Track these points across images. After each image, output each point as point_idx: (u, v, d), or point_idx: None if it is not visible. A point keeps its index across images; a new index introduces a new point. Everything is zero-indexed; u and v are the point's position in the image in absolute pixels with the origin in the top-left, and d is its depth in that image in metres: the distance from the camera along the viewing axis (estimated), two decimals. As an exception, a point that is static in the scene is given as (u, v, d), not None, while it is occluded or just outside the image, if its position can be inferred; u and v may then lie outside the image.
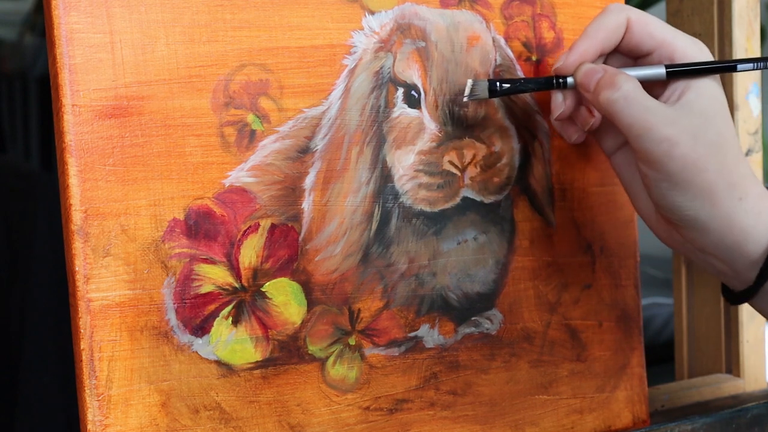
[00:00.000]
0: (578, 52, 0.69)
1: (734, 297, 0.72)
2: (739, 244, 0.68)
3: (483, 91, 0.70)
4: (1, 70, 2.12)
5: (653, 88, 0.70)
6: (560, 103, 0.71)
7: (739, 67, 0.71)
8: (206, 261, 0.62)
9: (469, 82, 0.70)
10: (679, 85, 0.69)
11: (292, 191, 0.65)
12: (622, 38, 0.70)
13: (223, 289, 0.63)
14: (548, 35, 0.76)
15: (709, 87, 0.69)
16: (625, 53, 0.71)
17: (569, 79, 0.69)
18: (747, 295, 0.70)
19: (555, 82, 0.70)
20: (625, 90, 0.66)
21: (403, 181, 0.69)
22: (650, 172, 0.67)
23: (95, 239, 0.59)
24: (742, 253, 0.68)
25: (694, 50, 0.69)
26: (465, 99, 0.70)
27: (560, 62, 0.70)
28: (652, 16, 0.71)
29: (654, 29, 0.70)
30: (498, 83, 0.70)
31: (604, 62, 0.71)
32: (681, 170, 0.66)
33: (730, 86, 0.92)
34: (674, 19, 0.95)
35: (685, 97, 0.68)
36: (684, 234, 0.69)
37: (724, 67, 0.71)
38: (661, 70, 0.69)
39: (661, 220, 0.70)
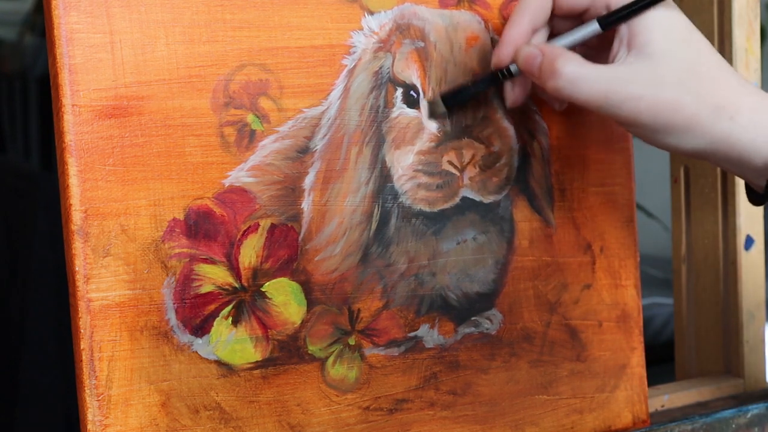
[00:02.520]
0: (508, 42, 0.68)
1: (755, 199, 0.70)
2: (743, 158, 0.66)
3: (440, 106, 0.70)
4: (1, 70, 2.12)
5: (602, 46, 0.68)
6: (509, 92, 0.70)
7: None
8: (206, 261, 0.62)
9: (425, 104, 0.70)
10: (623, 34, 0.66)
11: (291, 191, 0.65)
12: (554, 7, 0.68)
13: (223, 289, 0.63)
14: (548, 35, 0.76)
15: (658, 20, 0.66)
16: (564, 17, 0.69)
17: (513, 67, 0.68)
18: (763, 200, 0.69)
19: (500, 75, 0.69)
20: (566, 74, 0.65)
21: (402, 181, 0.69)
22: (630, 129, 0.67)
23: (95, 239, 0.59)
24: (748, 166, 0.67)
25: None
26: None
27: (495, 56, 0.69)
28: None
29: None
30: (450, 95, 0.70)
31: (550, 29, 0.70)
32: (654, 119, 0.65)
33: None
34: (674, 19, 0.95)
35: (636, 43, 0.66)
36: (694, 158, 0.69)
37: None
38: (595, 26, 0.67)
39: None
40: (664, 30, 0.66)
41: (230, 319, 0.63)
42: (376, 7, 0.69)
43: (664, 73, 0.65)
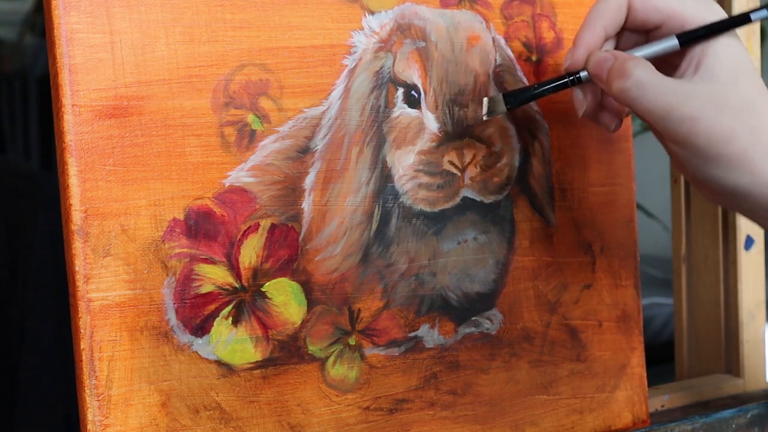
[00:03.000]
0: (583, 45, 0.67)
1: None
2: None
3: (500, 105, 0.69)
4: (1, 70, 2.12)
5: (669, 61, 0.68)
6: (581, 100, 0.69)
7: (753, 16, 0.67)
8: (206, 261, 0.62)
9: (485, 100, 0.69)
10: (695, 54, 0.66)
11: (292, 191, 0.65)
12: (627, 17, 0.68)
13: (223, 289, 0.63)
14: (548, 35, 0.76)
15: (727, 48, 0.66)
16: (634, 30, 0.69)
17: (583, 74, 0.68)
18: None
19: (569, 80, 0.68)
20: (636, 76, 0.64)
21: (403, 181, 0.69)
22: (679, 150, 0.65)
23: (95, 239, 0.59)
24: None
25: (704, 13, 0.66)
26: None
27: (568, 59, 0.68)
28: None
29: (659, 1, 0.67)
30: (513, 95, 0.69)
31: (616, 43, 0.69)
32: (708, 144, 0.64)
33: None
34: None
35: (704, 65, 0.65)
36: (728, 201, 0.67)
37: (737, 21, 0.66)
38: (673, 42, 0.66)
39: (704, 188, 0.68)
40: (731, 59, 0.66)
41: (230, 319, 0.63)
42: (376, 6, 0.69)
43: (725, 100, 0.64)
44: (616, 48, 0.69)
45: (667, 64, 0.67)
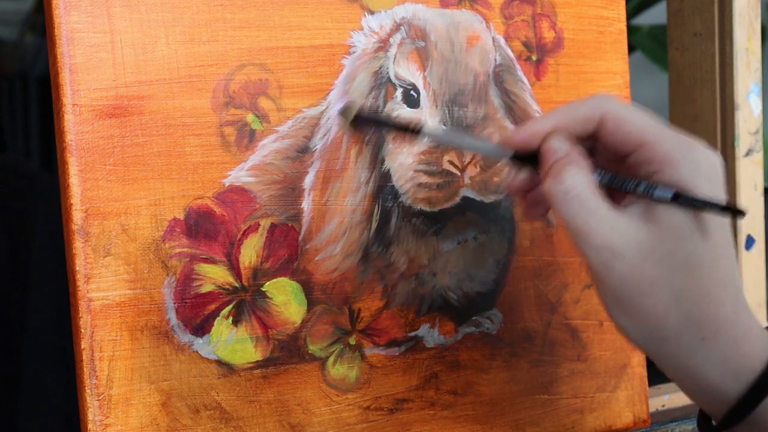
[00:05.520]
0: (528, 130, 0.60)
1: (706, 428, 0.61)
2: (698, 389, 0.58)
3: (350, 114, 0.65)
4: (2, 69, 2.12)
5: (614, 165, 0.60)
6: (512, 175, 0.63)
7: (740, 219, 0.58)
8: (206, 261, 0.62)
9: (347, 103, 0.66)
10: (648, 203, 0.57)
11: (291, 191, 0.65)
12: (599, 136, 0.60)
13: (224, 289, 0.63)
14: (548, 35, 0.76)
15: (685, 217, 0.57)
16: (609, 149, 0.60)
17: (492, 147, 0.62)
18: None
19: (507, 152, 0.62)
20: (567, 185, 0.57)
21: (402, 180, 0.69)
22: (593, 279, 0.58)
23: (96, 239, 0.59)
24: (701, 401, 0.59)
25: (677, 155, 0.57)
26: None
27: (510, 133, 0.61)
28: (637, 112, 0.59)
29: (632, 129, 0.58)
30: (364, 118, 0.66)
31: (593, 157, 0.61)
32: (621, 287, 0.56)
33: (731, 85, 0.92)
34: (675, 18, 0.95)
35: (660, 205, 0.57)
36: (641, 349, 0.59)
37: (728, 210, 0.57)
38: (666, 194, 0.57)
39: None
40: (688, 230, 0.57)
41: (231, 318, 0.63)
42: (376, 6, 0.69)
43: (663, 251, 0.56)
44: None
45: (621, 184, 0.59)
